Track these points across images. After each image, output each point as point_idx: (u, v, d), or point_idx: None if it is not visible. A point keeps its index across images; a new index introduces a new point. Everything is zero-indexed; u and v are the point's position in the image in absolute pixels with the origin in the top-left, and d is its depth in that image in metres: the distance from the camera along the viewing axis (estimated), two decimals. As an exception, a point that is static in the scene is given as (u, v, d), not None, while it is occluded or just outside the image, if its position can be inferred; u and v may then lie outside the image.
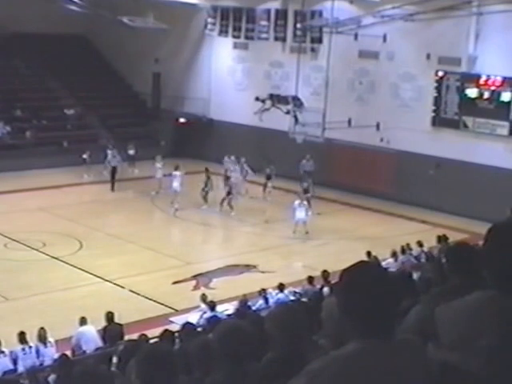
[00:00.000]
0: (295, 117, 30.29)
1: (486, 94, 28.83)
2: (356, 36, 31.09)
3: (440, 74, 30.17)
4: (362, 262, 2.74)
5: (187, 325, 12.83)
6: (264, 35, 35.11)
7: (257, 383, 4.03)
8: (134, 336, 13.49)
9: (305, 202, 26.45)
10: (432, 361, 2.64)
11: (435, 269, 11.43)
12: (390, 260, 20.18)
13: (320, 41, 33.00)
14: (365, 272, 2.65)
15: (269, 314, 4.55)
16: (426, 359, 2.63)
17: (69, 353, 13.55)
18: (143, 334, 13.25)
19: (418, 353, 2.62)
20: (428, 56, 30.26)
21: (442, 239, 21.18)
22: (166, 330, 12.12)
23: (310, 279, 17.97)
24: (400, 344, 2.60)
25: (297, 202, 26.30)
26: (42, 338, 14.07)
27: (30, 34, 38.22)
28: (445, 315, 2.86)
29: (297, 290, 17.92)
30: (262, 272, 22.34)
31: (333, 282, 15.65)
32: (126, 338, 14.06)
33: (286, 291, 17.64)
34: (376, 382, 2.46)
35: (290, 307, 4.72)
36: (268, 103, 31.31)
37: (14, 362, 13.70)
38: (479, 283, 2.91)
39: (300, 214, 26.03)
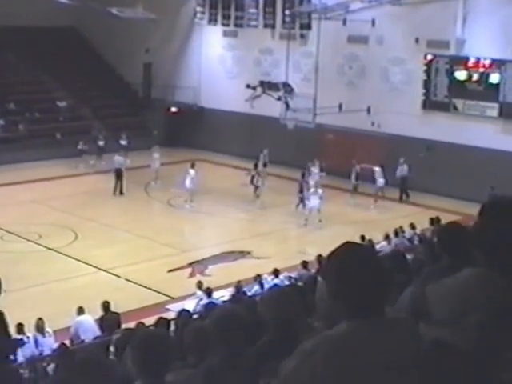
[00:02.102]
0: (286, 103, 30.31)
1: (475, 76, 28.94)
2: (344, 21, 31.08)
3: (429, 57, 30.28)
4: (347, 243, 2.67)
5: (183, 312, 12.93)
6: (253, 22, 35.01)
7: (252, 367, 4.03)
8: (132, 324, 13.47)
9: (319, 190, 26.44)
10: (423, 338, 2.64)
11: (427, 250, 11.55)
12: (384, 243, 20.23)
13: (309, 27, 32.97)
14: (350, 253, 2.61)
15: (261, 298, 4.70)
16: (418, 337, 2.62)
17: (67, 342, 13.62)
18: (140, 323, 13.26)
19: (410, 330, 2.61)
20: (417, 40, 30.32)
21: (434, 221, 21.22)
22: (161, 318, 12.22)
23: (305, 264, 18.06)
24: (391, 322, 2.59)
25: (311, 190, 26.38)
26: (40, 328, 14.16)
27: (20, 27, 38.07)
28: (436, 293, 2.87)
29: (292, 275, 17.94)
30: (257, 258, 22.43)
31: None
32: (124, 326, 14.05)
33: (281, 276, 17.67)
34: (368, 359, 2.45)
35: (282, 290, 4.75)
36: (259, 90, 31.29)
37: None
38: (470, 262, 2.93)
39: (314, 201, 26.03)
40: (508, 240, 2.68)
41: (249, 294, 16.47)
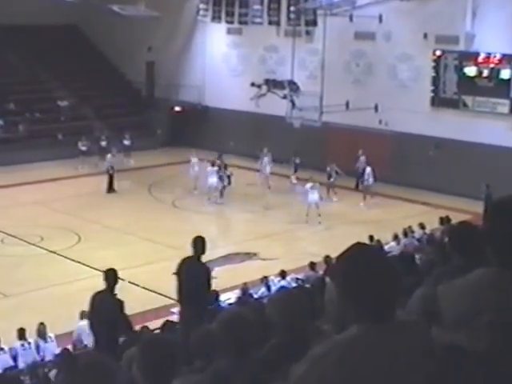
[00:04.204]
0: (292, 101, 29.99)
1: (485, 72, 28.64)
2: (351, 17, 30.86)
3: (438, 53, 29.99)
4: (357, 244, 2.63)
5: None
6: (258, 19, 34.74)
7: (260, 370, 3.97)
8: (136, 328, 13.23)
9: (317, 184, 26.38)
10: (436, 342, 2.59)
11: (437, 250, 11.31)
12: (393, 243, 20.05)
13: (315, 23, 32.67)
14: (361, 255, 2.57)
15: (269, 300, 4.52)
16: (430, 340, 2.58)
17: (70, 347, 13.44)
18: (145, 326, 13.04)
19: (422, 334, 2.58)
20: (425, 35, 30.05)
21: (444, 221, 20.96)
22: (167, 321, 11.94)
23: (312, 265, 17.85)
24: (403, 325, 2.55)
25: (308, 185, 26.21)
26: (42, 333, 14.02)
27: (20, 25, 37.93)
28: (447, 294, 2.85)
29: (299, 277, 17.80)
30: (263, 259, 22.14)
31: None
32: None
33: (288, 278, 17.51)
34: (379, 364, 2.41)
35: (291, 293, 4.73)
36: (264, 88, 31.03)
37: (14, 358, 13.62)
38: (482, 262, 2.87)
39: (312, 196, 25.91)
40: None
41: (255, 296, 16.26)
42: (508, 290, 2.63)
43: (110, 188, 29.76)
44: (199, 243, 11.06)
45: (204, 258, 22.65)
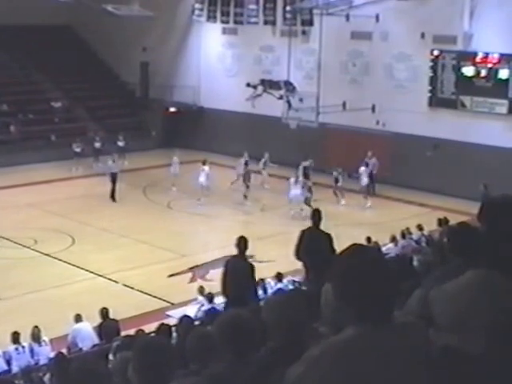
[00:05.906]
0: (288, 102, 29.81)
1: (483, 72, 28.49)
2: (348, 17, 30.73)
3: (435, 53, 29.85)
4: (354, 244, 2.65)
5: (185, 318, 12.46)
6: (253, 19, 34.62)
7: (257, 373, 3.95)
8: (131, 332, 13.27)
9: (300, 179, 26.41)
10: (433, 343, 2.63)
11: (436, 252, 11.24)
12: (390, 245, 19.90)
13: (311, 23, 32.57)
14: (359, 256, 2.59)
15: (266, 303, 4.49)
16: (427, 342, 2.61)
17: (65, 351, 13.31)
18: (140, 330, 13.05)
19: (419, 335, 2.59)
20: (422, 35, 29.91)
21: (442, 222, 20.83)
22: (163, 324, 11.80)
23: (310, 267, 17.63)
24: (400, 327, 2.56)
25: (292, 180, 26.26)
26: (36, 336, 13.90)
27: (13, 26, 37.72)
28: (438, 297, 2.87)
29: (296, 279, 17.52)
30: (260, 261, 21.85)
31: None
32: (123, 333, 13.78)
33: (284, 280, 17.30)
34: (376, 365, 2.42)
35: (287, 295, 4.76)
36: (260, 89, 30.81)
37: (8, 362, 13.50)
38: (480, 264, 2.87)
39: (295, 191, 25.98)
40: (509, 239, 2.69)
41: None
42: (497, 292, 2.64)
43: (112, 195, 29.00)
44: (242, 243, 11.98)
45: (199, 261, 22.65)
